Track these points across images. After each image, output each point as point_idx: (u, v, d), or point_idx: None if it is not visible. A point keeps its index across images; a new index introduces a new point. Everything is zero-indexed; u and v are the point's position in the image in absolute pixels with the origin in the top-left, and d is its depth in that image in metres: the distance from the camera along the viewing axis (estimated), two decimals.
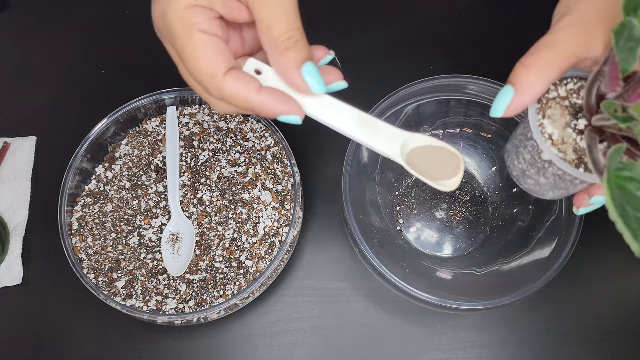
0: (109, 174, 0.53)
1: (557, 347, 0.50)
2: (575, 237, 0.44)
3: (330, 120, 0.34)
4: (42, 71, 0.60)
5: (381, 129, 0.33)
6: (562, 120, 0.31)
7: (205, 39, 0.29)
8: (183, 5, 0.29)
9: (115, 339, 0.50)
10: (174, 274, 0.48)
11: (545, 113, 0.31)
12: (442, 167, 0.33)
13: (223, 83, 0.30)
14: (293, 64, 0.30)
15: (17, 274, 0.52)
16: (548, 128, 0.31)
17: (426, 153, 0.33)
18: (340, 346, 0.50)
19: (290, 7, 0.30)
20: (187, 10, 0.29)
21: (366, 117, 0.34)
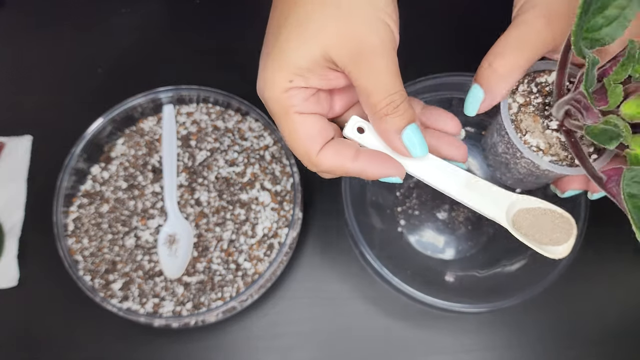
0: (104, 174, 0.52)
1: (559, 350, 0.49)
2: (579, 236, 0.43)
3: (433, 180, 0.33)
4: (37, 70, 0.60)
5: (487, 191, 0.32)
6: (538, 127, 0.32)
7: (300, 121, 0.30)
8: (279, 89, 0.30)
9: (112, 342, 0.50)
10: (170, 276, 0.48)
11: (521, 127, 0.32)
12: (552, 232, 0.32)
13: (318, 160, 0.31)
14: (393, 129, 0.30)
15: (12, 276, 0.51)
16: (532, 141, 0.32)
17: (534, 215, 0.32)
18: (340, 349, 0.49)
19: (389, 71, 0.29)
20: (283, 94, 0.30)
21: (471, 178, 0.33)
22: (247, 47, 0.60)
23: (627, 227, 0.45)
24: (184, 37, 0.61)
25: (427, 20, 0.61)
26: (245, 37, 0.60)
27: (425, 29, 0.60)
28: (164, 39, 0.60)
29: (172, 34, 0.61)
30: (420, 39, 0.60)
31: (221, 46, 0.60)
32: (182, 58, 0.60)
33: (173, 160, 0.51)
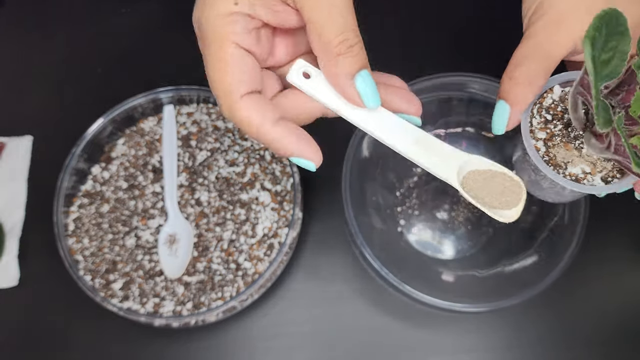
0: (105, 174, 0.52)
1: (559, 350, 0.49)
2: (578, 238, 0.44)
3: (381, 135, 0.31)
4: (38, 70, 0.60)
5: (438, 149, 0.30)
6: (574, 153, 0.31)
7: (235, 53, 0.27)
8: (222, 11, 0.27)
9: (112, 341, 0.50)
10: (171, 276, 0.48)
11: (558, 162, 0.31)
12: (501, 195, 0.30)
13: (237, 104, 0.27)
14: (345, 72, 0.27)
15: (13, 276, 0.51)
16: (576, 170, 0.31)
17: (485, 177, 0.31)
18: (340, 349, 0.49)
19: (344, 7, 0.27)
20: (225, 17, 0.27)
21: (423, 135, 0.31)
22: None
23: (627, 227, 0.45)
24: (185, 37, 0.60)
25: (427, 20, 0.61)
26: None
27: (425, 28, 0.60)
28: (165, 39, 0.61)
29: (172, 34, 0.61)
30: (420, 38, 0.60)
31: None
32: (183, 58, 0.60)
33: (173, 160, 0.51)
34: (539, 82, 0.30)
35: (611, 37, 0.25)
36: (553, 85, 0.32)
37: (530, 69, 0.30)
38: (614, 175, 0.30)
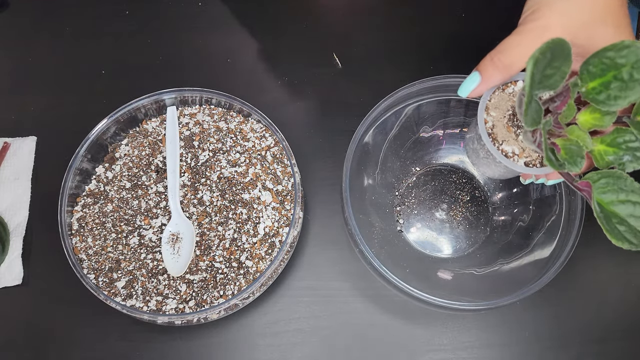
0: (109, 174, 0.53)
1: (557, 347, 0.50)
2: (575, 237, 0.44)
3: None
4: (42, 71, 0.60)
5: None
6: (512, 135, 0.37)
7: None
8: None
9: (115, 339, 0.50)
10: (174, 274, 0.48)
11: (497, 138, 0.37)
12: None
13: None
14: None
15: (17, 274, 0.52)
16: (508, 149, 0.37)
17: None
18: (340, 346, 0.50)
19: None
20: None
21: None
22: (250, 50, 0.61)
23: None
24: (187, 39, 0.61)
25: (426, 23, 0.62)
26: (248, 40, 0.61)
27: (424, 31, 0.61)
28: (167, 41, 0.61)
29: (175, 36, 0.61)
30: (419, 41, 0.61)
31: (223, 48, 0.60)
32: (185, 60, 0.60)
33: (176, 160, 0.52)
34: (511, 72, 0.36)
35: (556, 59, 0.31)
36: (518, 80, 0.38)
37: (509, 59, 0.35)
38: (534, 164, 0.37)
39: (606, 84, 0.32)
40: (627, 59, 0.32)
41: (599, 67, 0.32)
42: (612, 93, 0.32)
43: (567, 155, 0.34)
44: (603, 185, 0.34)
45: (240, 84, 0.59)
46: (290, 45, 0.61)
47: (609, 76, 0.32)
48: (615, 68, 0.32)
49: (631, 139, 0.34)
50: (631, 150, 0.34)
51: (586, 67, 0.32)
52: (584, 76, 0.33)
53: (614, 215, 0.33)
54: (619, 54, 0.32)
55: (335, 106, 0.58)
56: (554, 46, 0.31)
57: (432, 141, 0.54)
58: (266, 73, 0.59)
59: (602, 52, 0.32)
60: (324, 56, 0.60)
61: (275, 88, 0.59)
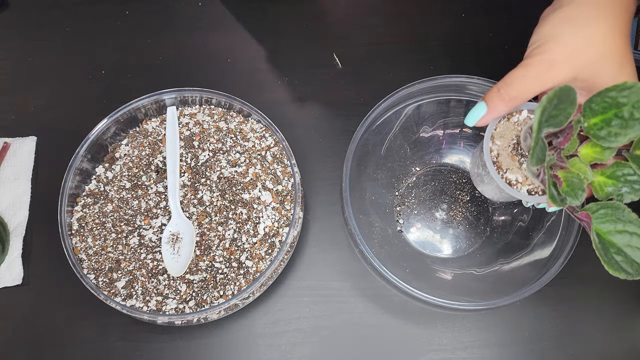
0: (109, 174, 0.53)
1: (556, 347, 0.50)
2: (575, 237, 0.44)
3: None
4: (42, 71, 0.60)
5: None
6: (515, 164, 0.38)
7: None
8: None
9: (115, 339, 0.50)
10: (174, 274, 0.48)
11: (502, 167, 0.38)
12: None
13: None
14: None
15: (17, 274, 0.52)
16: (512, 177, 0.38)
17: None
18: (340, 346, 0.50)
19: None
20: None
21: None
22: (250, 50, 0.61)
23: None
24: (187, 39, 0.61)
25: (426, 23, 0.62)
26: (248, 40, 0.61)
27: (424, 31, 0.61)
28: (167, 41, 0.61)
29: (175, 36, 0.61)
30: (419, 41, 0.61)
31: (224, 49, 0.60)
32: (185, 60, 0.60)
33: (176, 160, 0.52)
34: (516, 103, 0.37)
35: (562, 102, 0.33)
36: (523, 109, 0.39)
37: (514, 91, 0.36)
38: (536, 192, 0.38)
39: (607, 121, 0.34)
40: (629, 99, 0.33)
41: (601, 105, 0.34)
42: (612, 130, 0.34)
43: (568, 188, 0.35)
44: (602, 216, 0.35)
45: (240, 84, 0.59)
46: (290, 45, 0.61)
47: (610, 114, 0.34)
48: (617, 107, 0.34)
49: (630, 172, 0.35)
50: (629, 183, 0.35)
51: (589, 105, 0.34)
52: (586, 113, 0.34)
53: (611, 245, 0.35)
54: (621, 94, 0.33)
55: (335, 106, 0.58)
56: (560, 93, 0.33)
57: (432, 141, 0.54)
58: (266, 73, 0.59)
59: (605, 92, 0.34)
60: (324, 56, 0.60)
61: (275, 88, 0.59)
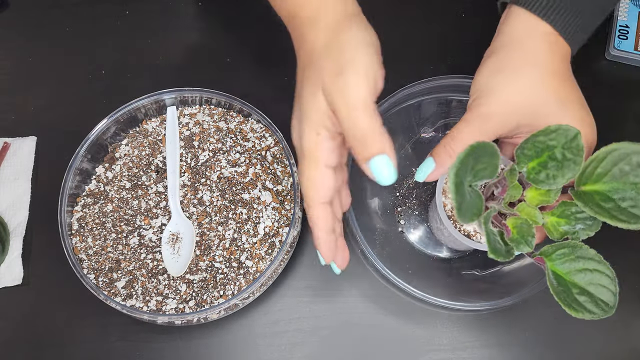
0: (109, 174, 0.52)
1: (556, 348, 0.50)
2: None
3: None
4: (42, 71, 0.60)
5: None
6: None
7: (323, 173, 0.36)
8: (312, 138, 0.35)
9: (115, 339, 0.50)
10: (173, 274, 0.48)
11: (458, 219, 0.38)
12: None
13: (314, 208, 0.37)
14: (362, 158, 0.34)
15: (17, 274, 0.52)
16: (470, 228, 0.39)
17: None
18: (340, 346, 0.50)
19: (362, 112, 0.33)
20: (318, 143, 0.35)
21: None
22: (250, 50, 0.61)
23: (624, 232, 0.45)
24: (187, 39, 0.61)
25: (426, 23, 0.62)
26: (247, 39, 0.61)
27: (424, 31, 0.61)
28: (167, 41, 0.61)
29: (175, 36, 0.61)
30: (419, 41, 0.61)
31: (223, 48, 0.60)
32: (185, 60, 0.60)
33: (176, 160, 0.52)
34: None
35: (483, 157, 0.33)
36: None
37: (458, 146, 0.37)
38: None
39: (543, 164, 0.35)
40: (557, 141, 0.34)
41: (533, 150, 0.35)
42: (550, 172, 0.35)
43: (518, 235, 0.36)
44: (560, 257, 0.35)
45: (240, 83, 0.59)
46: (290, 44, 0.60)
47: (544, 157, 0.35)
48: (549, 149, 0.34)
49: (578, 210, 0.36)
50: (581, 220, 0.36)
51: (521, 151, 0.35)
52: (520, 159, 0.35)
53: (573, 286, 0.35)
54: (548, 137, 0.34)
55: None
56: (477, 150, 0.32)
57: (433, 142, 0.54)
58: (266, 73, 0.59)
59: (533, 138, 0.34)
60: None
61: (275, 88, 0.59)
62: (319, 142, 0.35)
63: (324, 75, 0.34)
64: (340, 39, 0.35)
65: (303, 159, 0.36)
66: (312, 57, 0.36)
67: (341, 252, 0.40)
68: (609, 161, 0.34)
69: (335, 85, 0.33)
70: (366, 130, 0.33)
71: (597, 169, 0.34)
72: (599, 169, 0.34)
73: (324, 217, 0.37)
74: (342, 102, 0.33)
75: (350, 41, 0.35)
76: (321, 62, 0.35)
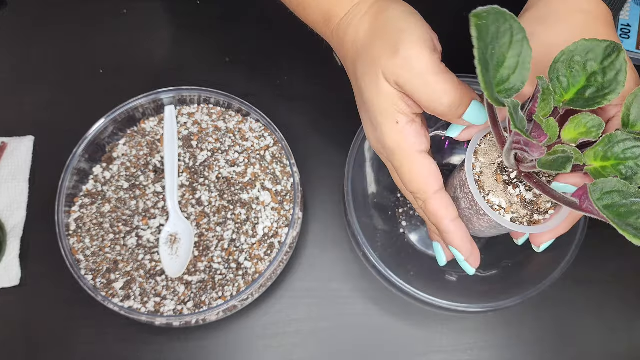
0: (106, 174, 0.52)
1: (557, 348, 0.49)
2: (578, 238, 0.44)
3: None
4: (40, 70, 0.60)
5: None
6: (500, 186, 0.34)
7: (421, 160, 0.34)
8: (395, 130, 0.33)
9: (113, 341, 0.50)
10: (172, 275, 0.48)
11: (485, 187, 0.34)
12: None
13: (430, 200, 0.34)
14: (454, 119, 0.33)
15: (14, 275, 0.51)
16: (495, 200, 0.34)
17: None
18: (340, 348, 0.50)
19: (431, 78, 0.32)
20: (400, 133, 0.33)
21: None
22: (249, 49, 0.60)
23: None
24: (185, 38, 0.61)
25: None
26: (246, 38, 0.61)
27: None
28: (166, 40, 0.61)
29: (173, 35, 0.61)
30: None
31: (222, 47, 0.60)
32: (184, 59, 0.60)
33: (174, 160, 0.51)
34: None
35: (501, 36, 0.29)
36: None
37: None
38: (521, 222, 0.34)
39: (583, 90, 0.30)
40: (595, 60, 0.30)
41: (570, 77, 0.30)
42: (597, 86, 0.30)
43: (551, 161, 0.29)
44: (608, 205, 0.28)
45: (239, 83, 0.58)
46: (290, 44, 0.60)
47: (582, 81, 0.30)
48: (585, 71, 0.30)
49: (628, 145, 0.29)
50: (632, 160, 0.29)
51: (556, 77, 0.30)
52: (557, 88, 0.30)
53: None
54: (582, 53, 0.30)
55: (335, 105, 0.57)
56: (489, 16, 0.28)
57: (434, 141, 0.53)
58: (265, 72, 0.59)
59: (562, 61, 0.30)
60: (324, 55, 0.60)
61: (274, 87, 0.58)
62: (402, 130, 0.33)
63: (380, 60, 0.33)
64: (381, 20, 0.34)
65: (394, 157, 0.34)
66: (359, 52, 0.35)
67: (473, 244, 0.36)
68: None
69: (396, 63, 0.32)
70: (449, 88, 0.32)
71: None
72: None
73: (445, 205, 0.34)
74: (411, 75, 0.32)
75: (393, 17, 0.34)
76: (371, 50, 0.34)
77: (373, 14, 0.35)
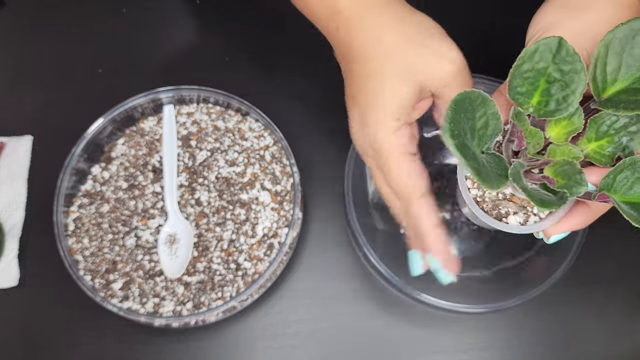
0: (105, 174, 0.52)
1: (558, 349, 0.49)
2: (580, 239, 0.44)
3: None
4: (38, 70, 0.60)
5: None
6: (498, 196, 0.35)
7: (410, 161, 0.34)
8: (391, 128, 0.33)
9: (112, 342, 0.50)
10: (171, 276, 0.48)
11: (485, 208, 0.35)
12: None
13: (415, 202, 0.34)
14: None
15: (13, 276, 0.51)
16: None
17: None
18: (340, 349, 0.49)
19: None
20: (395, 133, 0.33)
21: None
22: (248, 48, 0.60)
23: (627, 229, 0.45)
24: (185, 37, 0.61)
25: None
26: (246, 37, 0.61)
27: None
28: (165, 39, 0.61)
29: (172, 34, 0.61)
30: None
31: (222, 46, 0.60)
32: (183, 58, 0.60)
33: (173, 160, 0.51)
34: None
35: (474, 110, 0.29)
36: None
37: None
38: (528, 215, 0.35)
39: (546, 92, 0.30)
40: (545, 60, 0.30)
41: (525, 84, 0.30)
42: (558, 97, 0.30)
43: (565, 180, 0.30)
44: (623, 183, 0.30)
45: (238, 82, 0.58)
46: (289, 43, 0.60)
47: (542, 84, 0.30)
48: (541, 74, 0.30)
49: (613, 120, 0.30)
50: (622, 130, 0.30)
51: (515, 92, 0.30)
52: (520, 100, 0.30)
53: None
54: (533, 61, 0.30)
55: (335, 105, 0.57)
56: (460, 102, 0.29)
57: (435, 141, 0.53)
58: (265, 72, 0.59)
59: (517, 71, 0.30)
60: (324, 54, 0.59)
61: (274, 87, 0.58)
62: (399, 130, 0.33)
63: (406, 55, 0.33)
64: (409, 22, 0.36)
65: (383, 157, 0.34)
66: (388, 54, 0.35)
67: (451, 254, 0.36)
68: (613, 53, 0.29)
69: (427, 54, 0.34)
70: None
71: (606, 66, 0.30)
72: (608, 66, 0.30)
73: (426, 210, 0.34)
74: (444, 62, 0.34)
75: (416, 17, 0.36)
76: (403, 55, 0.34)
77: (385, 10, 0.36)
